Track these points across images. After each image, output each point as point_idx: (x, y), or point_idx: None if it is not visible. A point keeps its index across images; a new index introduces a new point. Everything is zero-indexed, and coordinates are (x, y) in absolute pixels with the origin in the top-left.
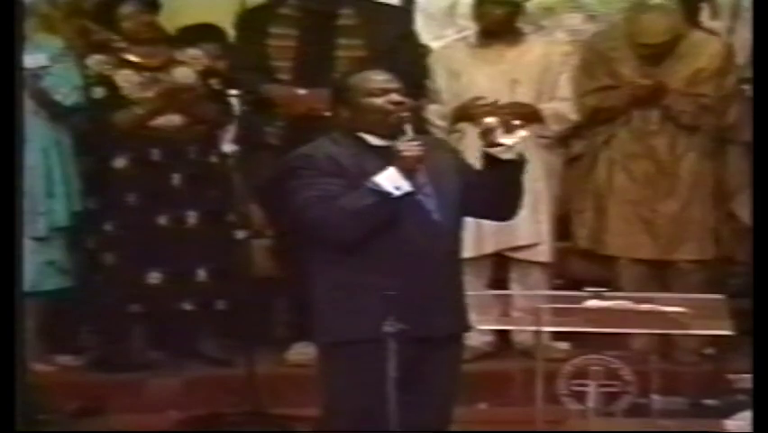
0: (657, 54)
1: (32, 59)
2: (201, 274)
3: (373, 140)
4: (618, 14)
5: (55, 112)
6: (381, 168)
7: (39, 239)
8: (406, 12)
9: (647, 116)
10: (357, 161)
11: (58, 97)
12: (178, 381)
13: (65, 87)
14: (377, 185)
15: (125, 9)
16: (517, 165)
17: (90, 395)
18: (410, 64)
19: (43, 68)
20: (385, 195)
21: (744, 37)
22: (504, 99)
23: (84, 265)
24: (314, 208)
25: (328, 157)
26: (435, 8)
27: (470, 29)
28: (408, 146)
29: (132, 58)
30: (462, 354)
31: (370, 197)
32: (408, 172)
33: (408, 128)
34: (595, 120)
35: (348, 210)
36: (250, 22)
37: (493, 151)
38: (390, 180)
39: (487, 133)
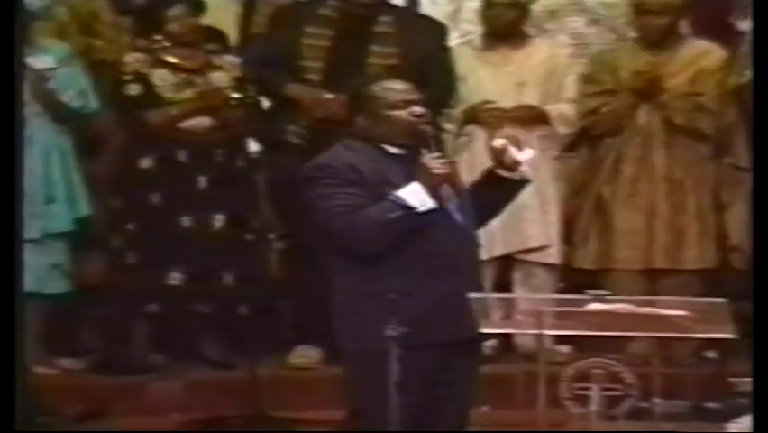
0: (659, 33)
1: (38, 61)
2: (225, 277)
3: (392, 149)
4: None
5: (59, 114)
6: (401, 175)
7: (35, 241)
8: (442, 25)
9: (648, 125)
10: (376, 168)
11: (64, 99)
12: (180, 383)
13: (72, 89)
14: (401, 200)
15: (173, 11)
16: (519, 184)
17: (92, 398)
18: (441, 77)
19: (50, 69)
20: (410, 209)
21: None
22: (510, 102)
23: (104, 264)
24: (338, 220)
25: (348, 165)
26: (439, 13)
27: (475, 33)
28: (437, 163)
29: (172, 59)
30: (481, 357)
31: (395, 211)
32: (434, 189)
33: (432, 142)
34: (596, 127)
35: (373, 223)
36: (286, 17)
37: (505, 171)
38: (415, 196)
39: (498, 153)
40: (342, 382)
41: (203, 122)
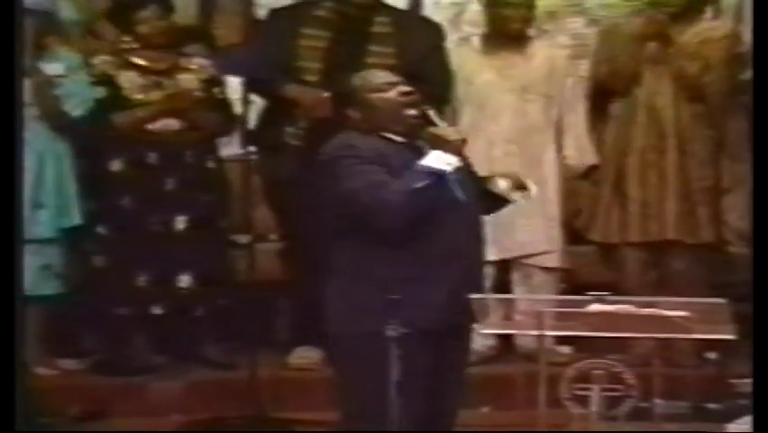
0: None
1: (49, 67)
2: (188, 279)
3: (394, 137)
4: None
5: (59, 122)
6: (413, 161)
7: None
8: (439, 25)
9: (658, 88)
10: (392, 153)
11: (67, 107)
12: (180, 384)
13: (76, 98)
14: (427, 167)
15: (143, 13)
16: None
17: (93, 399)
18: (438, 75)
19: (59, 76)
20: (438, 173)
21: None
22: (515, 110)
23: (80, 268)
24: (366, 196)
25: (366, 147)
26: (441, 16)
27: (476, 35)
28: (451, 131)
29: (140, 61)
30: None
31: (423, 177)
32: (455, 154)
33: (433, 118)
34: (606, 86)
35: (402, 193)
36: (282, 19)
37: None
38: (439, 160)
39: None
40: (334, 367)
41: (171, 123)
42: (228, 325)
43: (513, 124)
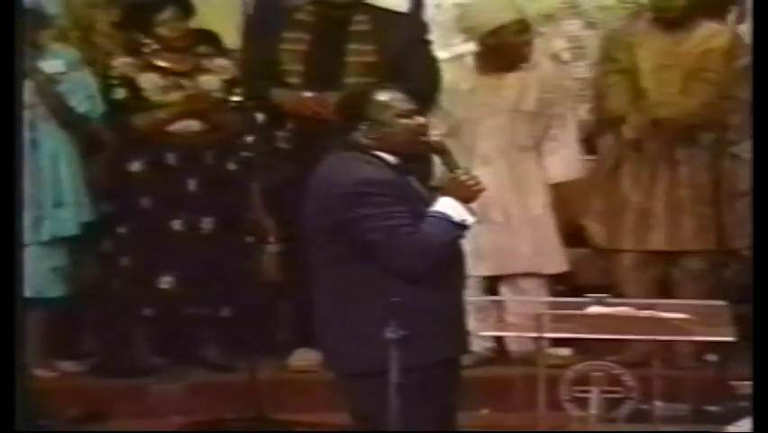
0: (679, 13)
1: (49, 66)
2: (213, 280)
3: (390, 158)
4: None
5: (67, 118)
6: (406, 187)
7: (43, 244)
8: (420, 20)
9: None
10: (402, 182)
11: (72, 103)
12: (180, 386)
13: (80, 93)
14: (448, 216)
15: (163, 15)
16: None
17: (92, 401)
18: (421, 72)
19: (60, 74)
20: (462, 227)
21: None
22: (508, 128)
23: (97, 268)
24: (404, 240)
25: (388, 181)
26: (443, 18)
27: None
28: (471, 178)
29: (161, 63)
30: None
31: (449, 229)
32: (468, 204)
33: (446, 154)
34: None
35: (434, 243)
36: (263, 26)
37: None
38: (456, 212)
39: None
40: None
41: (191, 125)
42: (229, 327)
43: (507, 141)
